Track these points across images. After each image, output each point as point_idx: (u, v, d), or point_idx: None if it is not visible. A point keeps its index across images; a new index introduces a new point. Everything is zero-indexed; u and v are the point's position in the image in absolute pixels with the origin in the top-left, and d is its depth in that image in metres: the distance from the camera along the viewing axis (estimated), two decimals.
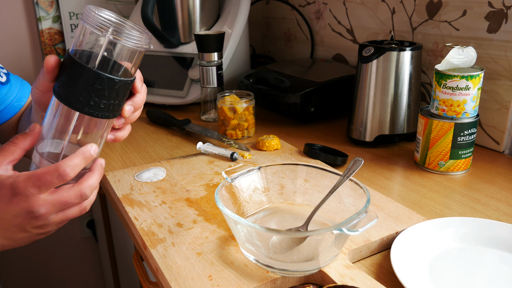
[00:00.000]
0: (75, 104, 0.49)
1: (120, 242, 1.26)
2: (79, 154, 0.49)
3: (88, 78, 0.48)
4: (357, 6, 1.11)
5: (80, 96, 0.49)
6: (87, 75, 0.48)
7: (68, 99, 0.49)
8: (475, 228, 0.56)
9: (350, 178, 0.54)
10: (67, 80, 0.49)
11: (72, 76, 0.49)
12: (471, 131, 0.72)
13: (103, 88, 0.49)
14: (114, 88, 0.49)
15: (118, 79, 0.49)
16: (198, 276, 0.47)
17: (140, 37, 0.49)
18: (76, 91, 0.49)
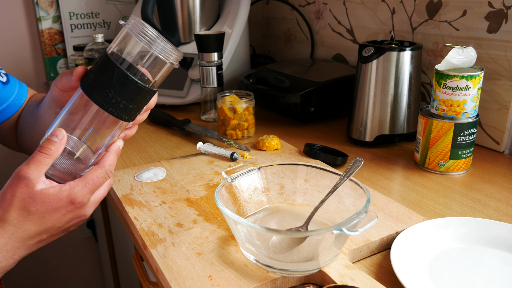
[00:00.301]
0: (106, 105, 0.51)
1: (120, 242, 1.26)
2: (112, 152, 0.55)
3: (124, 84, 0.51)
4: (357, 6, 1.11)
5: (113, 99, 0.51)
6: (125, 81, 0.50)
7: (99, 97, 0.51)
8: (475, 228, 0.56)
9: (350, 178, 0.54)
10: (101, 76, 0.51)
11: (107, 77, 0.51)
12: (471, 131, 0.72)
13: (134, 97, 0.52)
14: (139, 93, 0.52)
15: (144, 86, 0.51)
16: (198, 276, 0.47)
17: (177, 56, 0.53)
18: (107, 92, 0.51)
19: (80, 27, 1.45)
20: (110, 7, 1.49)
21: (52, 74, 1.43)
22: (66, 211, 0.51)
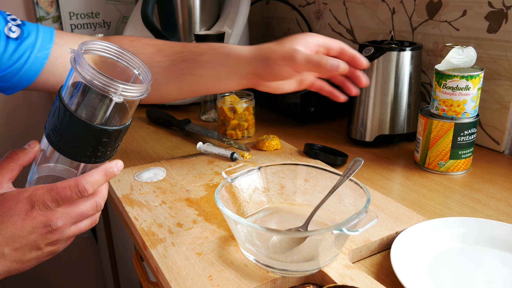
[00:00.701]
0: (81, 158, 0.48)
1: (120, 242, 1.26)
2: (100, 170, 0.48)
3: (96, 135, 0.46)
4: (357, 6, 1.11)
5: (87, 150, 0.47)
6: (94, 132, 0.46)
7: (73, 154, 0.47)
8: (475, 228, 0.56)
9: (350, 178, 0.54)
10: (69, 136, 0.46)
11: (75, 133, 0.46)
12: (471, 131, 0.72)
13: (111, 139, 0.47)
14: (119, 135, 0.48)
15: (123, 126, 0.48)
16: (198, 276, 0.47)
17: (144, 88, 0.47)
18: (82, 146, 0.47)
19: (80, 27, 1.45)
20: (110, 7, 1.49)
21: None
22: (26, 216, 0.45)
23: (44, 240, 0.47)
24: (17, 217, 0.45)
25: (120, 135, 0.49)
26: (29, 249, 0.47)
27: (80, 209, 0.48)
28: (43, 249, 0.48)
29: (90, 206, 0.49)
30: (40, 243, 0.47)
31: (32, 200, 0.45)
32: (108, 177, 0.49)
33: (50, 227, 0.46)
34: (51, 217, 0.46)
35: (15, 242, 0.45)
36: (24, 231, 0.45)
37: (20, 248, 0.46)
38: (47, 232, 0.46)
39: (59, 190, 0.46)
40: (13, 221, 0.45)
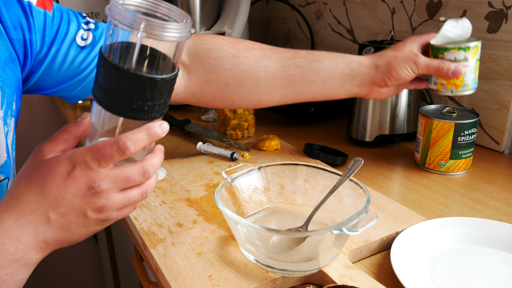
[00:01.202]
0: (117, 109, 0.45)
1: (120, 242, 1.26)
2: (143, 129, 0.45)
3: (127, 81, 0.44)
4: (357, 6, 1.11)
5: (122, 100, 0.44)
6: (125, 78, 0.43)
7: (109, 104, 0.45)
8: (475, 228, 0.56)
9: (350, 178, 0.54)
10: (105, 84, 0.45)
11: (109, 79, 0.44)
12: (471, 131, 0.72)
13: (144, 90, 0.44)
14: (156, 88, 0.45)
15: (160, 77, 0.44)
16: (198, 276, 0.47)
17: (177, 27, 0.44)
18: (116, 95, 0.45)
19: None
20: None
21: None
22: (67, 176, 0.43)
23: (89, 204, 0.44)
24: (59, 178, 0.43)
25: (160, 90, 0.45)
26: (75, 215, 0.44)
27: (126, 173, 0.45)
28: (89, 216, 0.45)
29: (136, 172, 0.45)
30: (86, 208, 0.44)
31: (73, 160, 0.44)
32: (151, 137, 0.45)
33: (93, 189, 0.44)
34: (94, 178, 0.44)
35: (59, 206, 0.44)
36: (67, 193, 0.44)
37: (65, 213, 0.44)
38: (91, 195, 0.44)
39: (99, 147, 0.44)
40: (55, 182, 0.44)
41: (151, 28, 0.41)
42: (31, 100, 1.51)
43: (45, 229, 0.44)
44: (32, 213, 0.44)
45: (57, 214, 0.44)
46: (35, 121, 1.54)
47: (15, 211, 0.43)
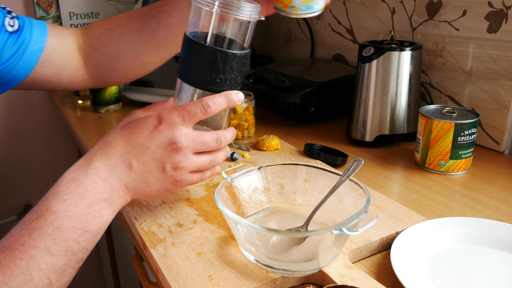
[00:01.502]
0: (194, 80, 0.53)
1: (120, 242, 1.26)
2: (222, 94, 0.52)
3: (202, 53, 0.51)
4: (357, 6, 1.11)
5: (197, 72, 0.52)
6: (201, 51, 0.51)
7: (187, 76, 0.53)
8: (475, 228, 0.56)
9: (350, 178, 0.54)
10: (184, 59, 0.53)
11: (188, 54, 0.52)
12: (471, 131, 0.72)
13: (217, 62, 0.51)
14: (227, 61, 0.52)
15: (231, 52, 0.51)
16: (198, 276, 0.47)
17: (249, 8, 0.51)
18: (193, 68, 0.52)
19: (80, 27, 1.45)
20: (110, 7, 1.49)
21: None
22: (154, 129, 0.50)
23: (168, 158, 0.50)
24: (146, 129, 0.50)
25: (231, 64, 0.52)
26: (154, 166, 0.50)
27: (203, 135, 0.52)
28: (167, 170, 0.51)
29: (211, 137, 0.52)
30: (165, 161, 0.50)
31: (160, 116, 0.50)
32: (229, 102, 0.52)
33: (175, 144, 0.50)
34: (176, 134, 0.50)
35: (142, 155, 0.50)
36: (151, 143, 0.50)
37: (147, 162, 0.50)
38: (172, 150, 0.50)
39: (184, 106, 0.51)
40: (143, 132, 0.50)
41: (224, 6, 0.50)
42: (31, 100, 1.51)
43: (127, 174, 0.50)
44: (119, 157, 0.50)
45: (139, 162, 0.50)
46: (35, 121, 1.54)
47: (105, 154, 0.50)
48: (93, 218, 0.48)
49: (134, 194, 0.52)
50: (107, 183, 0.49)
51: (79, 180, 0.48)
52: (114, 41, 0.69)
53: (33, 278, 0.42)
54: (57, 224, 0.45)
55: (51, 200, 0.47)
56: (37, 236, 0.44)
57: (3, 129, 1.49)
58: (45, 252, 0.44)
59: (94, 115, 1.12)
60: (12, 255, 0.42)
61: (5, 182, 1.54)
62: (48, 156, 1.59)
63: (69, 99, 1.30)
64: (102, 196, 0.49)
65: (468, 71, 0.86)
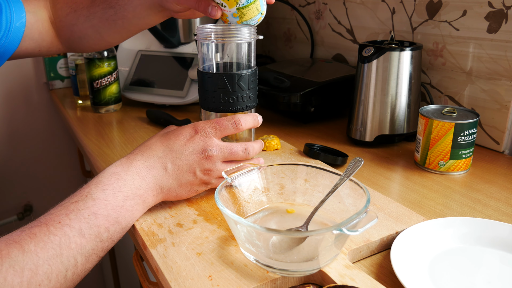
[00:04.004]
0: (211, 106, 0.61)
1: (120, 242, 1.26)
2: (250, 114, 0.61)
3: (211, 81, 0.59)
4: (357, 6, 1.11)
5: (212, 98, 0.59)
6: (210, 79, 0.58)
7: (205, 104, 0.62)
8: (475, 228, 0.56)
9: (350, 178, 0.54)
10: (200, 89, 0.62)
11: (201, 85, 0.61)
12: (471, 131, 0.72)
13: (226, 85, 0.59)
14: (235, 82, 0.59)
15: (236, 73, 0.59)
16: (198, 276, 0.47)
17: (244, 31, 0.59)
18: (208, 95, 0.60)
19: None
20: None
21: (52, 74, 1.43)
22: (190, 137, 0.56)
23: (199, 164, 0.56)
24: (182, 137, 0.57)
25: (239, 84, 0.60)
26: (187, 170, 0.56)
27: (232, 146, 0.58)
28: (197, 174, 0.57)
29: (240, 148, 0.59)
30: (196, 166, 0.56)
31: (196, 127, 0.57)
32: (255, 122, 0.61)
33: (206, 153, 0.56)
34: (208, 143, 0.56)
35: (177, 159, 0.56)
36: (186, 150, 0.56)
37: (181, 166, 0.56)
38: (203, 157, 0.56)
39: (218, 120, 0.58)
40: (179, 139, 0.56)
41: (220, 36, 0.59)
42: (31, 100, 1.51)
43: (162, 175, 0.55)
44: (157, 159, 0.55)
45: (174, 165, 0.55)
46: (35, 121, 1.54)
47: (145, 155, 0.56)
48: (126, 211, 0.52)
49: (166, 195, 0.57)
50: (144, 181, 0.54)
51: (119, 175, 0.53)
52: (81, 23, 0.73)
53: (62, 255, 0.45)
54: (94, 209, 0.49)
55: (92, 188, 0.51)
56: (74, 217, 0.47)
57: (3, 129, 1.49)
58: (77, 233, 0.46)
59: (94, 115, 1.12)
60: (47, 230, 0.45)
61: (5, 182, 1.54)
62: (48, 156, 1.59)
63: (69, 99, 1.30)
64: (138, 192, 0.53)
65: (468, 71, 0.86)
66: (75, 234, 0.46)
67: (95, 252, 0.49)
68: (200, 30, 0.60)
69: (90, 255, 0.48)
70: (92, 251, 0.48)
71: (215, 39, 0.60)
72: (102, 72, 1.08)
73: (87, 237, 0.47)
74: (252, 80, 0.61)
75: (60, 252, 0.45)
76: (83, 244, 0.47)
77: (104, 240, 0.49)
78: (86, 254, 0.47)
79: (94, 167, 0.84)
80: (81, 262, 0.47)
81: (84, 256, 0.47)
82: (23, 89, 1.49)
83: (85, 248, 0.47)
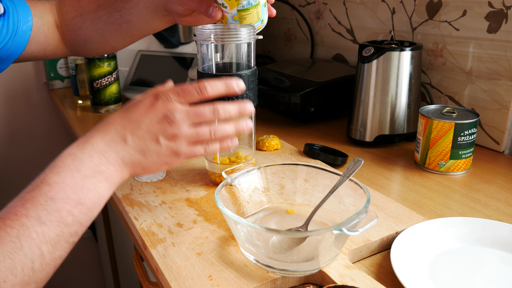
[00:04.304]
0: None
1: (120, 242, 1.26)
2: (221, 79, 0.54)
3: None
4: (357, 6, 1.11)
5: (211, 99, 0.57)
6: (211, 78, 0.55)
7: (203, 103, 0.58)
8: (475, 228, 0.56)
9: (350, 178, 0.54)
10: None
11: None
12: (471, 131, 0.72)
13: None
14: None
15: (235, 74, 0.60)
16: (198, 276, 0.47)
17: (244, 31, 0.59)
18: None
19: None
20: None
21: (52, 74, 1.43)
22: (150, 106, 0.51)
23: (162, 131, 0.51)
24: (142, 105, 0.52)
25: None
26: (149, 139, 0.51)
27: (198, 108, 0.52)
28: (161, 142, 0.51)
29: (207, 109, 0.52)
30: (158, 134, 0.51)
31: (157, 94, 0.52)
32: (226, 87, 0.54)
33: (168, 118, 0.51)
34: (170, 108, 0.51)
35: (137, 128, 0.51)
36: (147, 118, 0.51)
37: (142, 136, 0.51)
38: (166, 123, 0.51)
39: (181, 86, 0.53)
40: (139, 109, 0.52)
41: (220, 37, 0.59)
42: (31, 100, 1.51)
43: (123, 148, 0.51)
44: (115, 132, 0.51)
45: (134, 136, 0.51)
46: (35, 121, 1.54)
47: (102, 131, 0.51)
48: (88, 190, 0.48)
49: (132, 168, 0.52)
50: (103, 156, 0.50)
51: (75, 155, 0.49)
52: (86, 26, 0.73)
53: (22, 247, 0.42)
54: (51, 194, 0.45)
55: (47, 173, 0.47)
56: (30, 205, 0.44)
57: (3, 129, 1.49)
58: (36, 222, 0.44)
59: (94, 115, 1.12)
60: (4, 224, 0.43)
61: (5, 182, 1.54)
62: (48, 156, 1.59)
63: (69, 99, 1.30)
64: (98, 169, 0.49)
65: (468, 71, 0.86)
66: (34, 223, 0.43)
67: (62, 238, 0.46)
68: (199, 31, 0.61)
69: (56, 242, 0.45)
70: (58, 237, 0.45)
71: (214, 40, 0.60)
72: (102, 72, 1.08)
73: (48, 224, 0.44)
74: (252, 80, 0.61)
75: (20, 245, 0.42)
76: (46, 232, 0.44)
77: (70, 225, 0.46)
78: (52, 242, 0.45)
79: None
80: (47, 251, 0.44)
81: (50, 244, 0.44)
82: (23, 89, 1.49)
83: (49, 236, 0.44)
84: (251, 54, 0.63)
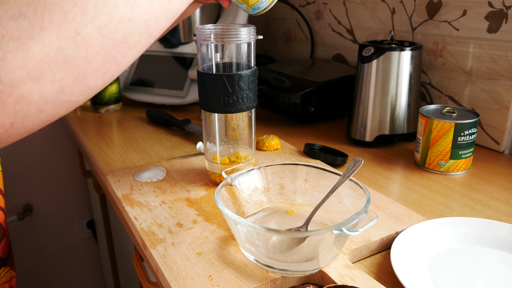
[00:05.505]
0: (211, 107, 0.61)
1: (120, 242, 1.26)
2: None
3: (211, 82, 0.59)
4: (357, 6, 1.11)
5: (212, 98, 0.59)
6: (209, 80, 0.58)
7: (205, 105, 0.62)
8: (475, 228, 0.56)
9: (350, 178, 0.54)
10: (200, 90, 0.62)
11: (201, 85, 0.61)
12: (471, 131, 0.72)
13: (225, 86, 0.59)
14: (235, 83, 0.59)
15: (235, 73, 0.59)
16: (198, 276, 0.47)
17: (243, 31, 0.59)
18: (208, 96, 0.60)
19: None
20: None
21: None
22: None
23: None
24: None
25: (239, 84, 0.59)
26: None
27: None
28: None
29: None
30: None
31: None
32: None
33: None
34: None
35: None
36: None
37: None
38: None
39: None
40: None
41: (220, 36, 0.59)
42: None
43: None
44: None
45: None
46: None
47: None
48: None
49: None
50: None
51: None
52: None
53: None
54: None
55: None
56: None
57: None
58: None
59: (94, 115, 1.12)
60: None
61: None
62: (48, 156, 1.59)
63: None
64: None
65: (468, 71, 0.86)
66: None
67: None
68: (199, 31, 0.61)
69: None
70: None
71: (214, 40, 0.60)
72: None
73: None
74: (252, 80, 0.61)
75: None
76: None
77: None
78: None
79: (94, 167, 0.84)
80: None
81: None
82: None
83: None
84: (251, 54, 0.63)
